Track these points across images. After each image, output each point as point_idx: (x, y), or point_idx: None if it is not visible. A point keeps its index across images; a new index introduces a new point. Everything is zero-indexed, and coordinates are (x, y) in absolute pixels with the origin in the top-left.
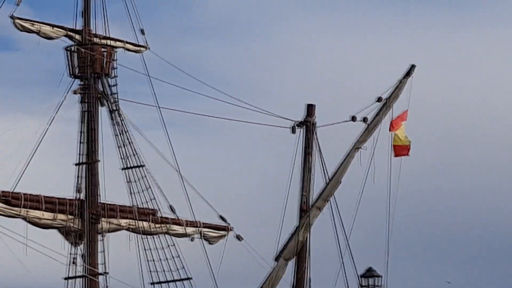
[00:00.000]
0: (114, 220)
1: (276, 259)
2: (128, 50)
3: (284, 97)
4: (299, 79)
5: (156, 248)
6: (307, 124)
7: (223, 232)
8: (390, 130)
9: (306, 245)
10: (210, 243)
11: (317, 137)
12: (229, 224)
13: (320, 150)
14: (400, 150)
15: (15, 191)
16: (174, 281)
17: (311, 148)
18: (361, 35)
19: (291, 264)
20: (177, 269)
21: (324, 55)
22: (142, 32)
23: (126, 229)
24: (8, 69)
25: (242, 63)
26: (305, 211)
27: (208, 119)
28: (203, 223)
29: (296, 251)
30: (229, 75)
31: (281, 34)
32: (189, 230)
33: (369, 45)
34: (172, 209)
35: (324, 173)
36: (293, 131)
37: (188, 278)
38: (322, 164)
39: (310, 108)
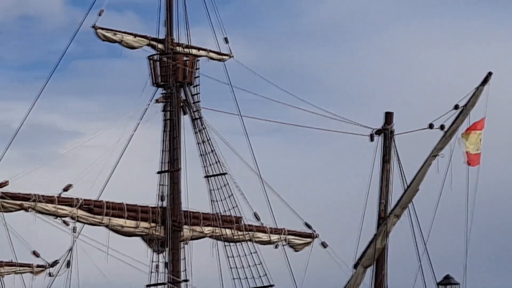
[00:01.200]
0: (197, 228)
1: (355, 266)
2: (212, 58)
3: (362, 105)
4: (377, 87)
5: (239, 255)
6: (385, 132)
7: (308, 239)
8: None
9: (384, 252)
10: (295, 250)
11: (395, 145)
12: (314, 231)
13: (398, 158)
14: (472, 158)
15: (97, 199)
16: None
17: (389, 156)
18: (438, 43)
19: (369, 271)
20: (260, 276)
21: (402, 63)
22: (226, 40)
23: (210, 237)
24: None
25: (324, 70)
26: (383, 218)
27: (289, 127)
28: (288, 231)
29: (374, 258)
30: (312, 82)
31: (364, 42)
32: (274, 237)
33: (446, 53)
34: (256, 216)
35: (402, 181)
36: (372, 139)
37: (270, 286)
38: (400, 171)
39: (389, 116)
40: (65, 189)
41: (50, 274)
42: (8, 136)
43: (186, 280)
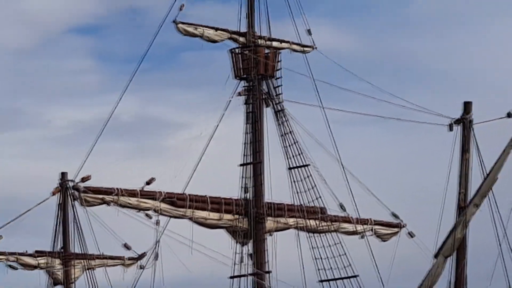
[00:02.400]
0: (281, 219)
1: (435, 256)
2: (294, 50)
3: (441, 94)
4: (456, 76)
5: (323, 246)
6: (464, 122)
7: (395, 229)
8: None
9: (464, 242)
10: (382, 240)
11: (474, 134)
12: (401, 221)
13: (477, 147)
14: None
15: (180, 192)
16: (341, 278)
17: (468, 145)
18: None
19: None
20: (344, 267)
21: (482, 53)
22: (309, 32)
23: (294, 228)
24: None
25: (405, 60)
26: (463, 208)
27: (370, 118)
28: (375, 221)
29: (454, 248)
30: (393, 72)
31: (446, 31)
32: (360, 227)
33: None
34: (342, 207)
35: (481, 170)
36: (450, 128)
37: (355, 276)
38: (479, 161)
39: (467, 106)
40: (148, 183)
41: (141, 267)
42: (117, 128)
43: (269, 272)
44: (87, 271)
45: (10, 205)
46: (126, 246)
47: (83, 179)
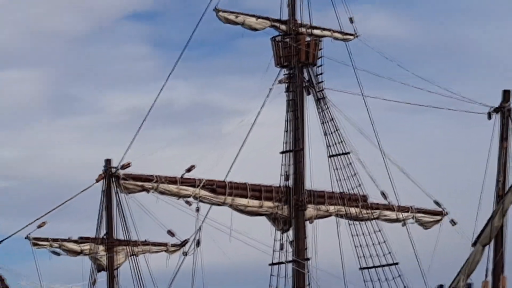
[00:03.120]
0: (322, 207)
1: (473, 244)
2: (336, 38)
3: (481, 82)
4: (494, 64)
5: (364, 233)
6: (503, 110)
7: (438, 217)
8: None
9: (502, 230)
10: (425, 228)
11: None
12: (444, 208)
13: None
14: None
15: (220, 179)
16: (382, 266)
17: (507, 134)
18: None
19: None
20: (384, 255)
21: None
22: (351, 20)
23: (335, 215)
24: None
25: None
26: (502, 196)
27: (410, 106)
28: (417, 208)
29: (492, 236)
30: (436, 61)
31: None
32: (402, 215)
33: None
34: (384, 194)
35: None
36: (489, 117)
37: (395, 263)
38: None
39: (506, 94)
40: (188, 170)
41: (184, 253)
42: (172, 114)
43: (308, 259)
44: (131, 257)
45: (60, 190)
46: (170, 233)
47: (123, 166)
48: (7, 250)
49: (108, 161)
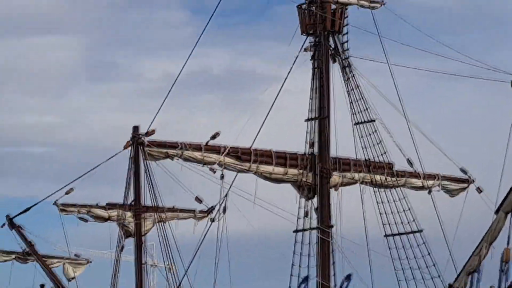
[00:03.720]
0: (347, 174)
1: (496, 212)
2: (362, 6)
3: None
4: None
5: (389, 201)
6: None
7: (464, 185)
8: None
9: None
10: (451, 196)
11: None
12: (470, 176)
13: None
14: None
15: (245, 146)
16: (406, 233)
17: None
18: None
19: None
20: (408, 222)
21: None
22: None
23: (360, 183)
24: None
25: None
26: None
27: (436, 74)
28: (443, 176)
29: None
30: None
31: None
32: (428, 183)
33: None
34: (410, 162)
35: None
36: None
37: (420, 231)
38: None
39: None
40: (213, 137)
41: (212, 220)
42: (209, 82)
43: (331, 226)
44: (159, 224)
45: (95, 156)
46: (198, 199)
47: (148, 133)
48: (37, 216)
49: (135, 128)
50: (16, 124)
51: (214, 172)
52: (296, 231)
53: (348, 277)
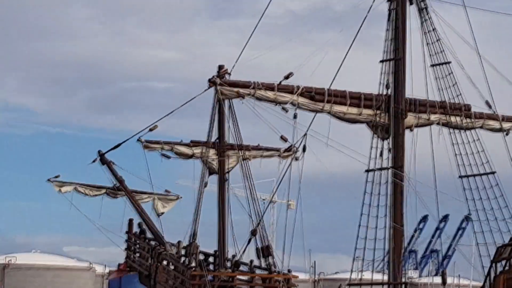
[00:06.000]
0: (423, 115)
1: None
2: None
3: None
4: None
5: (463, 142)
6: None
7: None
8: None
9: None
10: None
11: None
12: None
13: None
14: None
15: (319, 86)
16: (480, 175)
17: None
18: None
19: None
20: (483, 163)
21: None
22: None
23: (436, 124)
24: None
25: None
26: None
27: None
28: None
29: None
30: None
31: None
32: (507, 125)
33: None
34: (488, 104)
35: None
36: None
37: (493, 172)
38: None
39: None
40: (286, 77)
41: (296, 159)
42: (329, 18)
43: (400, 166)
44: (243, 161)
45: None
46: (283, 138)
47: (220, 73)
48: (128, 153)
49: (220, 67)
50: (137, 59)
51: (287, 111)
52: (367, 170)
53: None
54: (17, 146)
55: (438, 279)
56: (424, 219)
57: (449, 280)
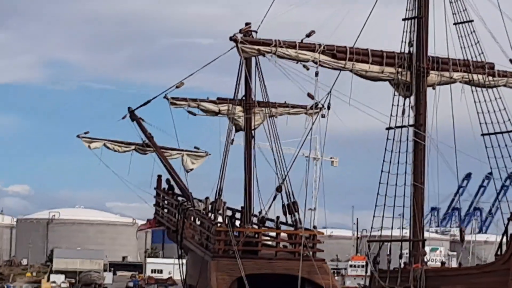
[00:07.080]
0: (446, 73)
1: None
2: None
3: None
4: None
5: (485, 100)
6: None
7: None
8: None
9: None
10: None
11: None
12: None
13: None
14: None
15: (341, 45)
16: (502, 132)
17: None
18: None
19: None
20: (504, 121)
21: None
22: None
23: (459, 82)
24: None
25: None
26: None
27: None
28: None
29: None
30: None
31: None
32: None
33: None
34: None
35: None
36: None
37: None
38: None
39: None
40: (308, 35)
41: (323, 116)
42: None
43: (422, 124)
44: (270, 118)
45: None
46: (310, 96)
47: (241, 30)
48: (157, 110)
49: (247, 24)
50: (180, 16)
51: (308, 69)
52: (388, 128)
53: (468, 175)
54: (60, 101)
55: (481, 237)
56: (468, 177)
57: (492, 238)
